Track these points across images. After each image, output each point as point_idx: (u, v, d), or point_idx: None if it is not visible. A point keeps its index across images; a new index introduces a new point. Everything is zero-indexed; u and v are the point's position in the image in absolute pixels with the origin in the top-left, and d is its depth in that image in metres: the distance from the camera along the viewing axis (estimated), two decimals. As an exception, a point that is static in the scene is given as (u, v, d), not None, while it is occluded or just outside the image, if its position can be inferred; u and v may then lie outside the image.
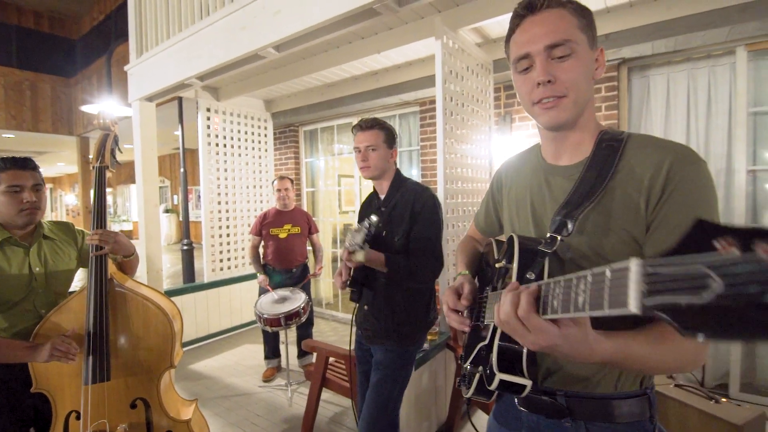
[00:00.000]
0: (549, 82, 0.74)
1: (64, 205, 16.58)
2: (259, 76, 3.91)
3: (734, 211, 2.74)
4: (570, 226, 0.75)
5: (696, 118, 2.89)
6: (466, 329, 0.91)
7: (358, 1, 2.06)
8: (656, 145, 0.74)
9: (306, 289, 3.31)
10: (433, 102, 3.84)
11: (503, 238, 1.14)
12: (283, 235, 3.33)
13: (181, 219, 12.82)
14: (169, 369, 1.62)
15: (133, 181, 13.01)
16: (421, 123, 3.96)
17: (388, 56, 3.36)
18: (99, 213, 1.52)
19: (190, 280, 4.73)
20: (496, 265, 0.88)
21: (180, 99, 4.54)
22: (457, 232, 2.65)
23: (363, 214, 1.93)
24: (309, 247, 3.54)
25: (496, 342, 0.81)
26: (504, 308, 0.63)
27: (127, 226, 14.56)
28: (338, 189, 5.24)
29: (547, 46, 0.73)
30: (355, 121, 4.53)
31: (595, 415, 0.79)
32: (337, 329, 4.49)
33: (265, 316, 2.79)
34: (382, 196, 1.78)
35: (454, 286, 0.94)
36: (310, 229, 3.47)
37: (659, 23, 2.56)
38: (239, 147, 4.46)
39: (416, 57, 3.42)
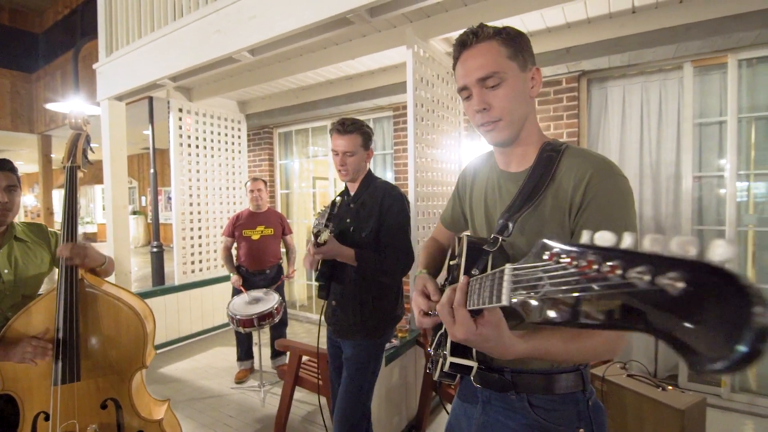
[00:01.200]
0: (484, 109, 0.84)
1: (22, 206, 15.79)
2: (233, 77, 3.91)
3: (682, 214, 2.96)
4: (510, 227, 0.86)
5: (648, 128, 3.11)
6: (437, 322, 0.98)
7: (332, 11, 2.13)
8: (583, 158, 0.84)
9: (280, 290, 3.34)
10: (406, 107, 3.94)
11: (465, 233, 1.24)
12: (256, 237, 3.34)
13: (149, 221, 12.47)
14: (140, 369, 1.63)
15: (99, 182, 12.55)
16: (394, 127, 4.05)
17: (362, 62, 3.44)
18: (70, 219, 1.50)
19: (159, 283, 4.64)
20: (450, 263, 0.97)
21: (151, 98, 4.47)
22: (427, 234, 2.75)
23: (335, 211, 1.99)
24: (283, 249, 3.57)
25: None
26: (441, 300, 0.74)
27: (91, 229, 14.01)
28: (313, 191, 5.27)
29: (479, 79, 0.83)
30: (329, 124, 4.59)
31: (536, 388, 0.90)
32: (310, 331, 4.51)
33: (237, 317, 2.80)
34: (353, 193, 1.85)
35: (419, 289, 0.98)
36: (284, 230, 3.49)
37: (615, 39, 2.74)
38: (212, 148, 4.43)
39: (390, 63, 3.51)
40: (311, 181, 5.26)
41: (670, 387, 2.24)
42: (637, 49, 2.70)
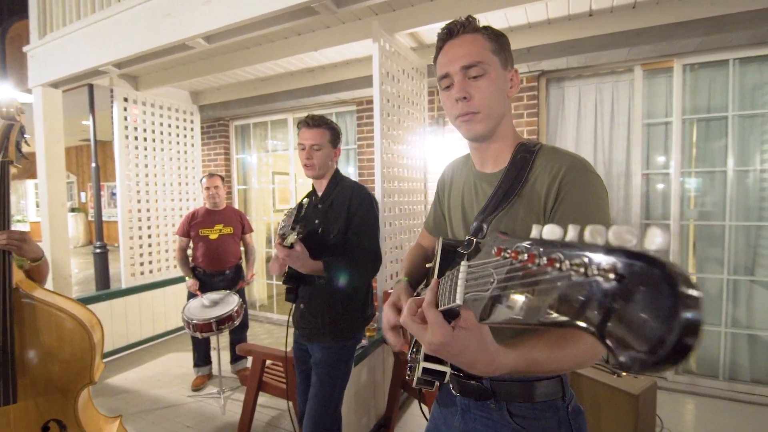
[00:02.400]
0: (464, 98, 0.83)
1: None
2: (185, 66, 3.67)
3: (632, 209, 3.14)
4: (485, 228, 0.84)
5: (602, 127, 3.26)
6: (399, 347, 0.91)
7: (295, -2, 2.03)
8: (556, 156, 0.84)
9: (240, 291, 3.19)
10: (370, 102, 3.89)
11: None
12: (213, 236, 3.17)
13: (90, 218, 11.58)
14: (88, 385, 1.48)
15: (30, 176, 11.47)
16: (358, 122, 3.99)
17: (325, 54, 3.34)
18: (2, 212, 1.34)
19: (104, 287, 4.30)
20: (427, 265, 0.94)
21: (91, 86, 4.10)
22: (394, 231, 2.72)
23: (302, 212, 1.92)
24: (242, 248, 3.41)
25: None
26: (403, 311, 0.68)
27: (23, 227, 12.79)
28: (272, 187, 5.09)
29: (463, 67, 0.82)
30: (290, 117, 4.44)
31: (515, 396, 0.88)
32: (272, 331, 4.37)
33: (194, 321, 2.64)
34: (320, 193, 1.79)
35: (392, 301, 0.92)
36: (244, 228, 3.33)
37: (573, 41, 2.84)
38: (162, 141, 4.15)
39: (354, 57, 3.44)
40: (271, 176, 5.08)
41: (624, 373, 2.36)
42: (594, 51, 2.81)
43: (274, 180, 5.09)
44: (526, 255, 0.36)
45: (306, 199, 1.72)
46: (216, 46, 2.67)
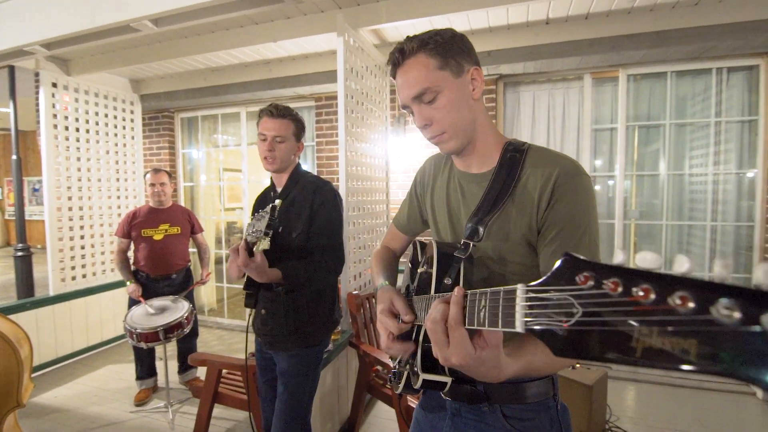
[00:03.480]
0: (426, 125, 0.83)
1: None
2: (126, 50, 3.35)
3: (581, 210, 3.31)
4: (481, 231, 0.82)
5: (554, 131, 3.41)
6: (410, 352, 0.86)
7: (258, -17, 1.91)
8: (548, 158, 0.83)
9: (189, 296, 2.97)
10: (329, 98, 3.79)
11: (423, 238, 1.18)
12: (158, 237, 2.91)
13: (8, 217, 10.33)
14: (14, 410, 1.29)
15: (-70, 169, 10.01)
16: (316, 119, 3.87)
17: (283, 46, 3.20)
18: None
19: (27, 294, 3.83)
20: (419, 270, 0.90)
21: (12, 68, 3.63)
22: (357, 230, 2.66)
23: (258, 209, 1.80)
24: (192, 249, 3.17)
25: (420, 343, 0.83)
26: (433, 315, 0.64)
27: None
28: (221, 184, 4.81)
29: (413, 97, 0.82)
30: (243, 111, 4.22)
31: (508, 398, 0.87)
32: (222, 338, 4.14)
33: (138, 330, 2.41)
34: (279, 189, 1.68)
35: (386, 307, 0.88)
36: (194, 228, 3.10)
37: (530, 47, 2.94)
38: (97, 132, 3.76)
39: (314, 50, 3.33)
40: (221, 173, 4.80)
41: (578, 365, 2.48)
42: (549, 57, 2.93)
43: (223, 177, 4.81)
44: (638, 289, 0.32)
45: (278, 200, 1.58)
46: (164, 30, 2.46)
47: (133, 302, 2.80)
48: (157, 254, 2.90)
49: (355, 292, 2.43)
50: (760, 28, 2.54)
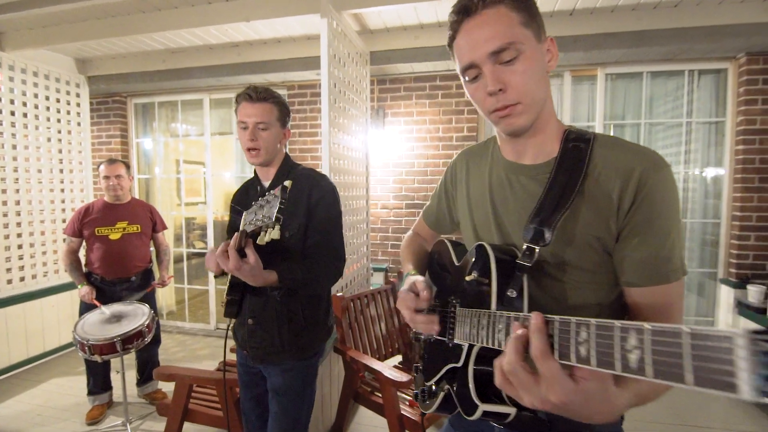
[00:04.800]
0: (500, 90, 0.69)
1: None
2: (71, 25, 2.96)
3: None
4: (548, 234, 0.70)
5: (533, 128, 3.40)
6: (436, 328, 0.83)
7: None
8: (625, 149, 0.73)
9: (149, 299, 2.68)
10: (303, 87, 3.58)
11: (447, 236, 1.06)
12: (115, 236, 2.60)
13: None
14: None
15: None
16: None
17: (255, 28, 2.95)
18: None
19: (-49, 300, 3.34)
20: (467, 278, 0.77)
21: (-73, 39, 3.12)
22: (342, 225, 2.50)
23: (239, 205, 1.59)
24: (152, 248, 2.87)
25: (471, 367, 0.72)
26: (509, 357, 0.53)
27: None
28: (177, 177, 4.45)
29: (492, 53, 0.68)
30: (207, 98, 3.91)
31: (575, 426, 0.77)
32: (184, 343, 3.83)
33: (91, 341, 2.11)
34: (267, 183, 1.49)
35: (406, 288, 0.88)
36: (155, 225, 2.80)
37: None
38: (36, 117, 3.33)
39: (288, 34, 3.10)
40: (180, 164, 4.43)
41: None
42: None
43: (180, 169, 4.43)
44: None
45: (287, 182, 1.32)
46: (119, 1, 2.16)
47: (85, 308, 2.48)
48: (114, 256, 2.59)
49: (339, 294, 2.28)
50: (734, 33, 2.62)
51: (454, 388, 0.77)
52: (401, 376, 1.85)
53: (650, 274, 0.68)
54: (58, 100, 3.50)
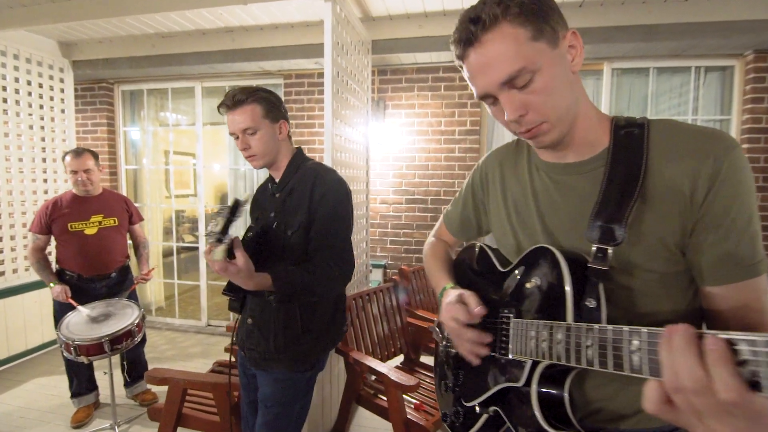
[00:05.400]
0: (521, 117, 0.64)
1: None
2: (55, 4, 2.78)
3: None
4: (619, 232, 0.62)
5: (537, 123, 3.33)
6: (485, 351, 0.75)
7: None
8: (689, 131, 0.65)
9: (133, 297, 2.54)
10: (300, 76, 3.45)
11: (467, 241, 0.98)
12: (91, 231, 2.43)
13: None
14: None
15: None
16: (285, 98, 3.51)
17: (251, 13, 2.81)
18: None
19: (-76, 295, 3.16)
20: (527, 285, 0.69)
21: None
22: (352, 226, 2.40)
23: (258, 203, 1.51)
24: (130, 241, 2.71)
25: (536, 387, 0.63)
26: (693, 373, 0.40)
27: None
28: (166, 168, 4.28)
29: (503, 83, 0.62)
30: (199, 86, 3.75)
31: None
32: (174, 341, 3.70)
33: (77, 342, 1.99)
34: (278, 180, 1.41)
35: (453, 299, 0.79)
36: (132, 217, 2.63)
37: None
38: (17, 102, 3.14)
39: (286, 20, 2.96)
40: (170, 155, 4.26)
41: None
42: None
43: (169, 160, 4.25)
44: None
45: (246, 194, 1.27)
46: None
47: (60, 309, 2.32)
48: (92, 251, 2.43)
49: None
50: (744, 29, 2.57)
51: (508, 411, 0.69)
52: (408, 380, 1.77)
53: (733, 270, 0.61)
54: (40, 86, 3.31)
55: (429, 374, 2.32)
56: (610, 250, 0.61)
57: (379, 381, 2.16)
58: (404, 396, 1.93)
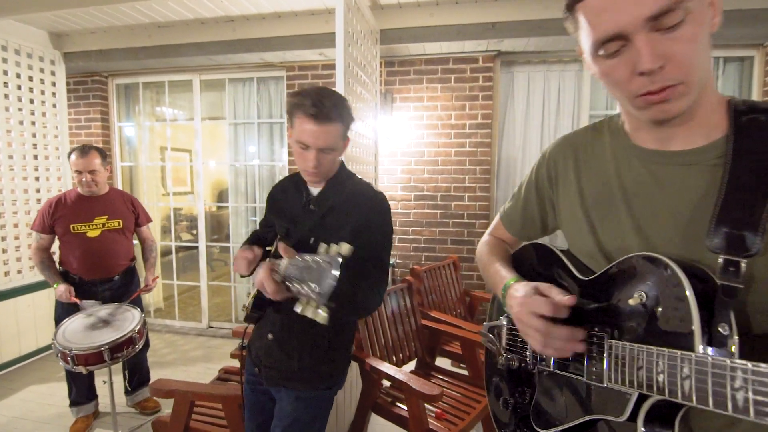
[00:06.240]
0: (660, 68, 0.51)
1: None
2: (44, -9, 2.62)
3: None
4: (754, 239, 0.50)
5: (549, 116, 3.22)
6: (582, 348, 0.63)
7: None
8: None
9: (136, 302, 2.42)
10: (303, 68, 3.31)
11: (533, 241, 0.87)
12: (94, 233, 2.32)
13: None
14: None
15: None
16: (288, 91, 3.37)
17: (253, 0, 2.67)
18: None
19: None
20: (630, 302, 0.58)
21: None
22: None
23: (277, 206, 1.37)
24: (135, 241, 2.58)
25: (642, 427, 0.53)
26: None
27: None
28: (163, 165, 4.12)
29: (650, 18, 0.50)
30: (197, 79, 3.61)
31: None
32: (175, 344, 3.58)
33: (75, 351, 1.87)
34: (315, 190, 1.26)
35: (530, 291, 0.67)
36: (138, 218, 2.51)
37: (538, 21, 2.67)
38: (6, 96, 2.98)
39: (289, 8, 2.82)
40: (167, 151, 4.12)
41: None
42: (557, 34, 2.69)
43: (165, 157, 4.10)
44: None
45: (345, 248, 0.99)
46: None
47: (63, 311, 2.22)
48: (94, 255, 2.31)
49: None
50: (766, 18, 2.47)
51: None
52: (432, 389, 1.67)
53: None
54: (30, 79, 3.15)
55: (446, 379, 2.23)
56: (743, 263, 0.50)
57: (396, 387, 2.06)
58: (425, 405, 1.84)
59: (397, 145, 3.21)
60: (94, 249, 2.31)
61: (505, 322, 0.82)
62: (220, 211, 5.59)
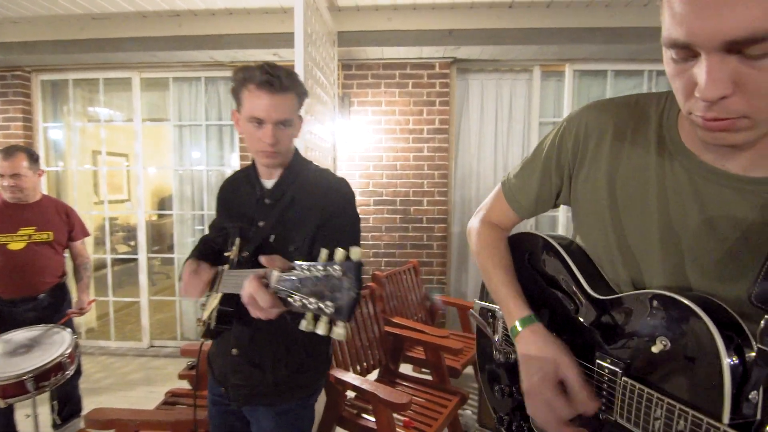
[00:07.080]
0: (724, 98, 0.43)
1: None
2: (-49, -30, 2.30)
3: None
4: None
5: (501, 123, 3.33)
6: None
7: None
8: None
9: (68, 324, 2.14)
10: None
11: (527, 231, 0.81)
12: (17, 246, 2.04)
13: None
14: None
15: None
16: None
17: (203, -6, 2.52)
18: None
19: None
20: (652, 349, 0.52)
21: None
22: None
23: (227, 205, 1.25)
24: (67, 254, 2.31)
25: None
26: None
27: None
28: (95, 170, 3.77)
29: (730, 42, 0.40)
30: (137, 77, 3.35)
31: None
32: (111, 367, 3.23)
33: (-9, 381, 1.62)
34: (269, 183, 1.14)
35: (549, 375, 0.60)
36: (73, 232, 2.25)
37: (491, 30, 2.76)
38: None
39: (242, 6, 2.69)
40: (102, 155, 3.76)
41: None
42: (510, 44, 2.79)
43: (100, 161, 3.75)
44: None
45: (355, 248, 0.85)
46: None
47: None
48: (16, 270, 2.04)
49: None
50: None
51: None
52: (400, 398, 1.62)
53: None
54: (-68, 70, 2.74)
55: (412, 386, 2.19)
56: None
57: (361, 398, 1.99)
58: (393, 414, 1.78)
59: (355, 149, 3.16)
60: (15, 263, 2.03)
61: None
62: (162, 220, 5.18)
